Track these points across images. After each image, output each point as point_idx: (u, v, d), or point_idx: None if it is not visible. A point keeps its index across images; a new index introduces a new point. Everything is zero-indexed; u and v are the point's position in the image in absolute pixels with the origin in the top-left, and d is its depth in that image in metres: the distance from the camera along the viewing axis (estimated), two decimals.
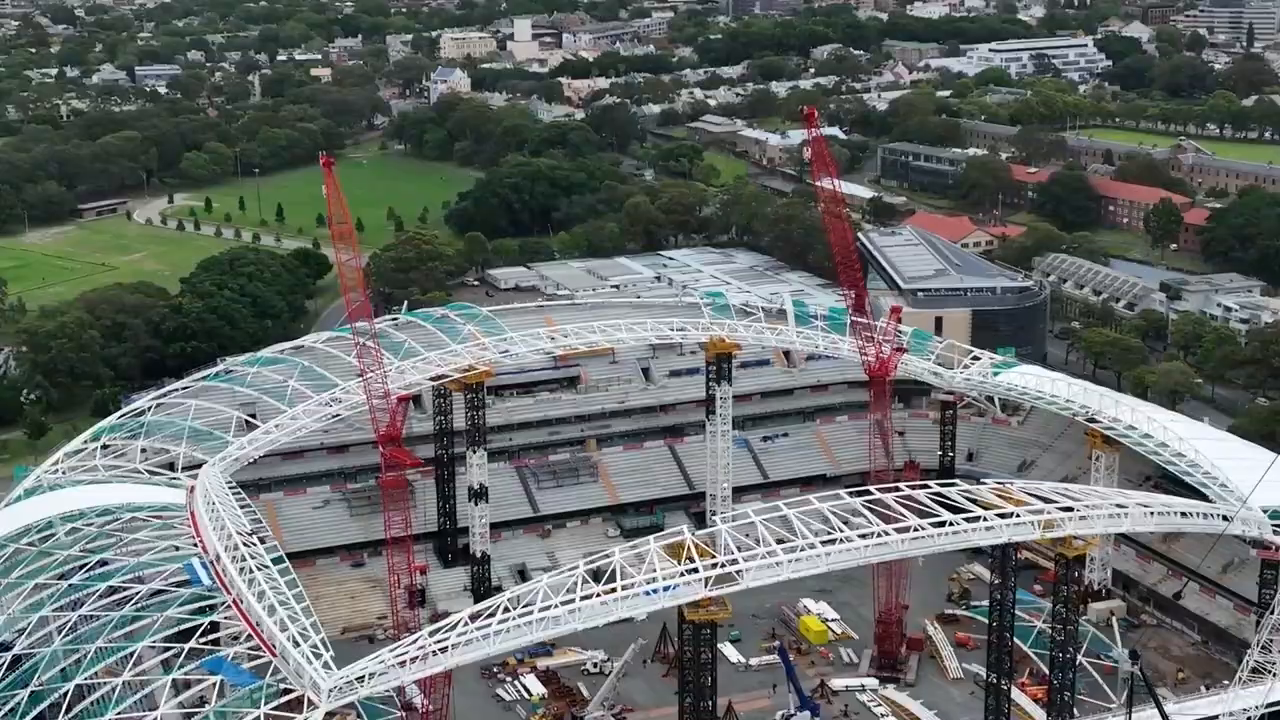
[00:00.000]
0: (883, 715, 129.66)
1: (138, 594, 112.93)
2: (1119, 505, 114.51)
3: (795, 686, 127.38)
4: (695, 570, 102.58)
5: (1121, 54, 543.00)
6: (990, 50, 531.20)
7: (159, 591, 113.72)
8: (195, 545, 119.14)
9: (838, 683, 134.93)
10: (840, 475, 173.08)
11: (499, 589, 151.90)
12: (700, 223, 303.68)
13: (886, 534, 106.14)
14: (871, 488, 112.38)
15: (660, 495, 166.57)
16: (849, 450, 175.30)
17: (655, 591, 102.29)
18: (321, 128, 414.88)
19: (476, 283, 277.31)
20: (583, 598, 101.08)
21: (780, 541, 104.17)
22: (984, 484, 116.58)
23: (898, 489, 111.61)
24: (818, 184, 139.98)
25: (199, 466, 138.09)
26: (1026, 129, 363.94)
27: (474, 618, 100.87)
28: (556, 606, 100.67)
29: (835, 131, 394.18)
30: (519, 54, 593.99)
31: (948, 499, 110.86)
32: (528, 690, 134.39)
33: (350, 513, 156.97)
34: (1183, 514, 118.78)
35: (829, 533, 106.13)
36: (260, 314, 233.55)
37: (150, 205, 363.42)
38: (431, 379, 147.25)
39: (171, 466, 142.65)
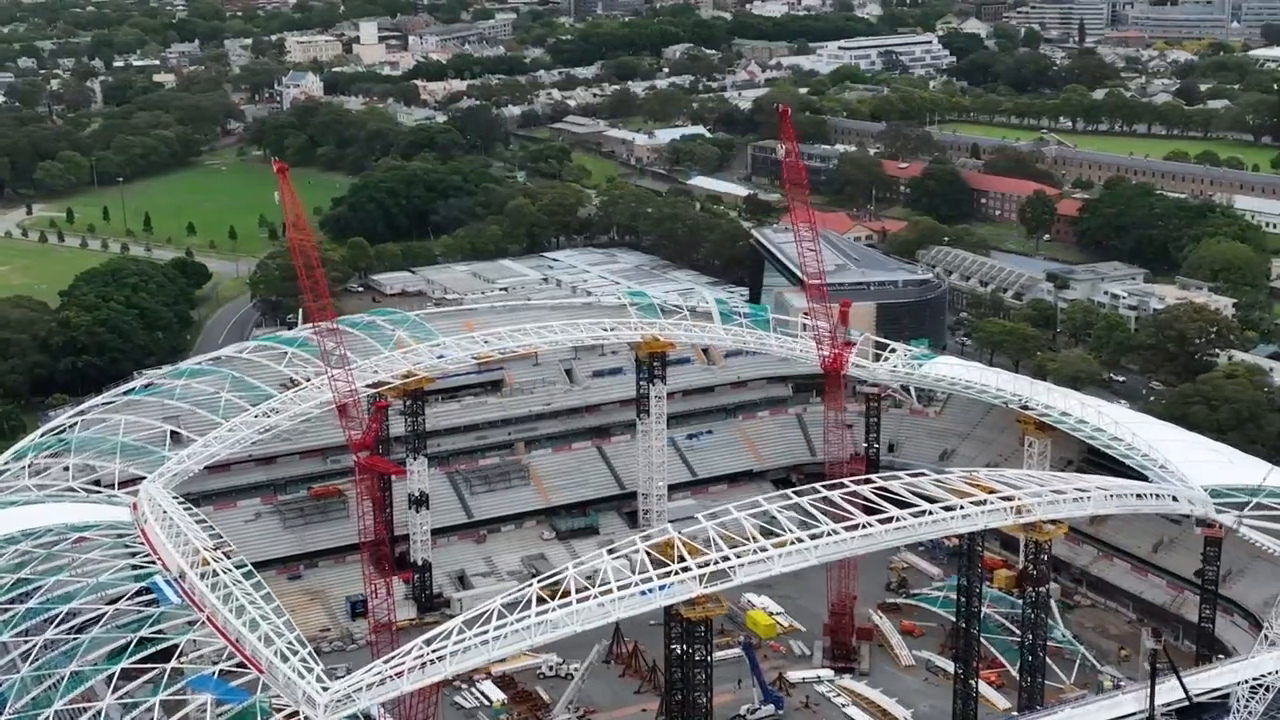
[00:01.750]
0: (844, 705, 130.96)
1: (104, 615, 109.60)
2: (1080, 490, 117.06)
3: (759, 680, 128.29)
4: (689, 568, 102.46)
5: (965, 50, 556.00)
6: (840, 48, 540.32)
7: (125, 612, 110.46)
8: (154, 563, 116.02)
9: (795, 675, 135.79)
10: (765, 470, 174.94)
11: (440, 596, 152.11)
12: (581, 223, 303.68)
13: (870, 525, 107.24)
14: (858, 482, 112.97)
15: (593, 496, 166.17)
16: (772, 445, 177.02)
17: (651, 591, 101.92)
18: (177, 135, 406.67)
19: (360, 289, 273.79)
20: (579, 600, 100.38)
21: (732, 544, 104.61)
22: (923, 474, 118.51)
23: (870, 481, 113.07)
24: (788, 180, 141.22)
25: (134, 482, 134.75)
26: (894, 125, 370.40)
27: (469, 624, 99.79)
28: (554, 610, 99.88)
29: (701, 130, 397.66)
30: (366, 57, 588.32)
31: (920, 489, 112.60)
32: (487, 697, 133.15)
33: (284, 525, 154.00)
34: (1138, 496, 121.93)
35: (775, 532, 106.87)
36: (148, 326, 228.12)
37: (6, 217, 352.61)
38: (370, 386, 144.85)
39: (99, 483, 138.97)
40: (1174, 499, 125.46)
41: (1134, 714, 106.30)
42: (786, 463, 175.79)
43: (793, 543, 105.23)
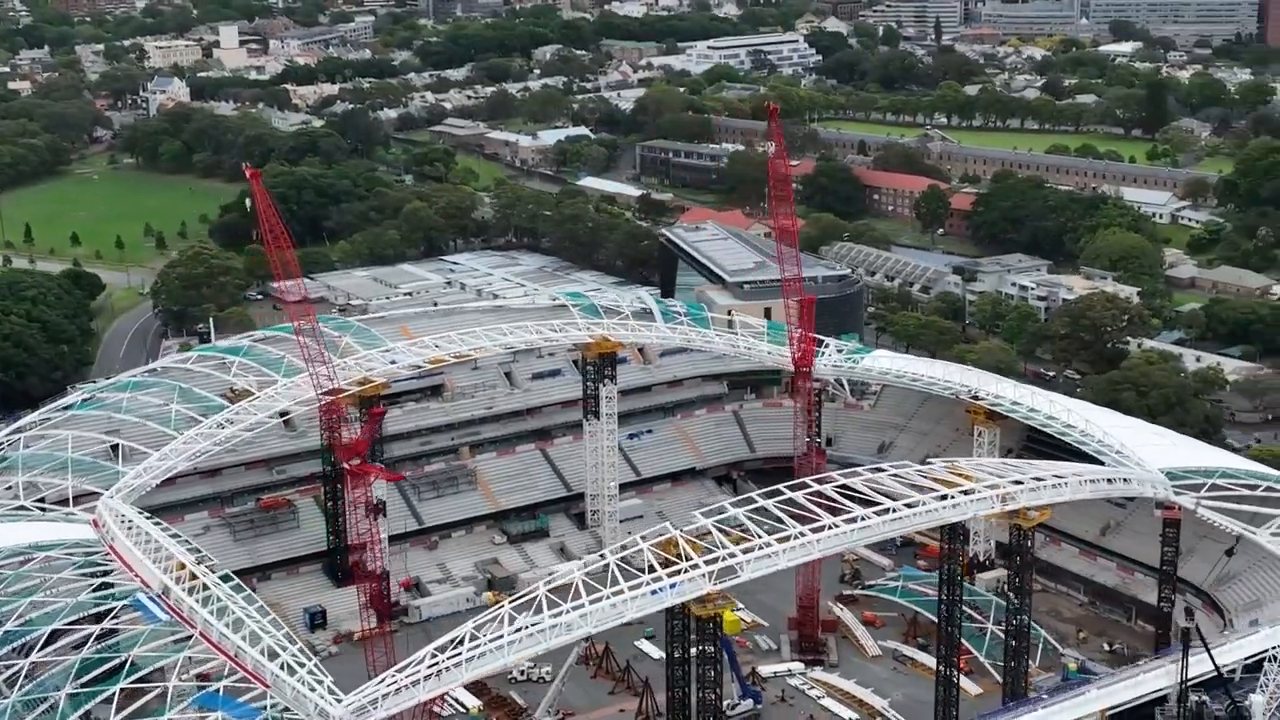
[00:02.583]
0: (820, 698, 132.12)
1: (90, 635, 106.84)
2: (1058, 476, 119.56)
3: (738, 676, 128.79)
4: (697, 566, 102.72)
5: (831, 49, 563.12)
6: (709, 48, 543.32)
7: (111, 632, 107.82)
8: (131, 580, 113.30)
9: (766, 669, 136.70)
10: (707, 468, 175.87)
11: (398, 604, 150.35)
12: (478, 226, 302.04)
13: (868, 518, 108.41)
14: (848, 475, 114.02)
15: (541, 499, 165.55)
16: (712, 443, 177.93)
17: (661, 590, 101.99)
18: (46, 143, 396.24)
19: (259, 297, 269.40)
20: (591, 601, 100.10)
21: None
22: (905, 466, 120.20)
23: (858, 474, 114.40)
24: (773, 178, 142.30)
25: (87, 499, 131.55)
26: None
27: (480, 629, 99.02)
28: (567, 612, 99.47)
29: (584, 131, 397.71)
30: (229, 61, 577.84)
31: (906, 479, 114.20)
32: (462, 704, 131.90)
33: (234, 538, 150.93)
34: (1109, 481, 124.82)
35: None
36: (51, 339, 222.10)
37: None
38: (326, 394, 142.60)
39: (48, 501, 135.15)
40: (1140, 483, 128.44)
41: (1163, 689, 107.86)
42: (727, 460, 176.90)
43: (796, 537, 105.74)
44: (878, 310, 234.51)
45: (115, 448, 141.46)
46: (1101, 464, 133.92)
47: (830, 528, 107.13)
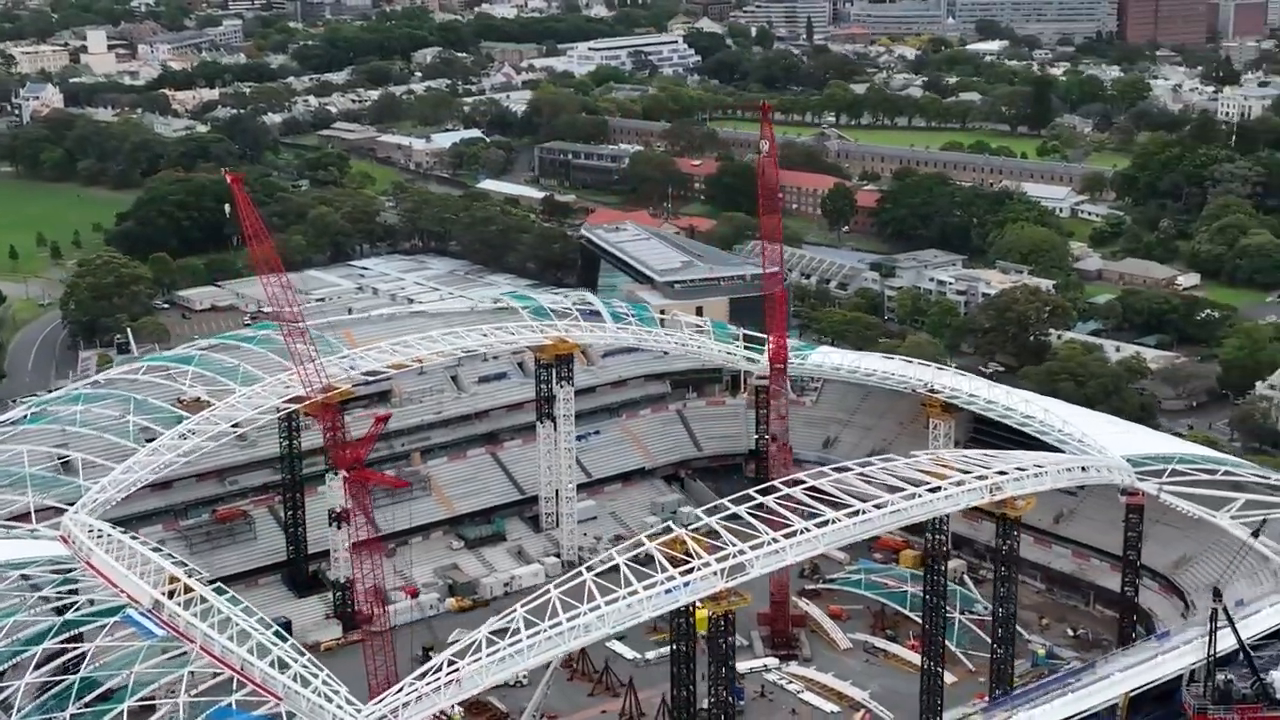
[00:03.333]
0: (799, 692, 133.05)
1: (86, 654, 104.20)
2: (1038, 466, 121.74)
3: None
4: (708, 564, 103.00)
5: (710, 49, 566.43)
6: (590, 49, 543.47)
7: (106, 650, 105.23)
8: (117, 596, 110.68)
9: (742, 666, 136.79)
10: (656, 468, 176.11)
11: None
12: (385, 230, 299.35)
13: (869, 512, 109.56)
14: (837, 468, 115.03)
15: (495, 503, 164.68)
16: (659, 442, 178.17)
17: (675, 589, 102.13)
18: None
19: (166, 305, 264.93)
20: (608, 602, 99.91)
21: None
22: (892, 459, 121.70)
23: (847, 469, 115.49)
24: (760, 178, 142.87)
25: (48, 515, 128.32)
26: (679, 123, 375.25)
27: (498, 634, 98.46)
28: (584, 614, 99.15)
29: (477, 133, 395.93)
30: (98, 67, 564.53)
31: (896, 472, 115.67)
32: (442, 710, 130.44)
33: (190, 551, 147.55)
34: (1083, 469, 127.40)
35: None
36: None
37: None
38: (290, 401, 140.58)
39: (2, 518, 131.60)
40: (1107, 470, 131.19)
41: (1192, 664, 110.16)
42: (675, 459, 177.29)
43: (800, 532, 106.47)
44: (798, 308, 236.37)
45: (66, 463, 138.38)
46: (1061, 453, 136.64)
47: (833, 522, 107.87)
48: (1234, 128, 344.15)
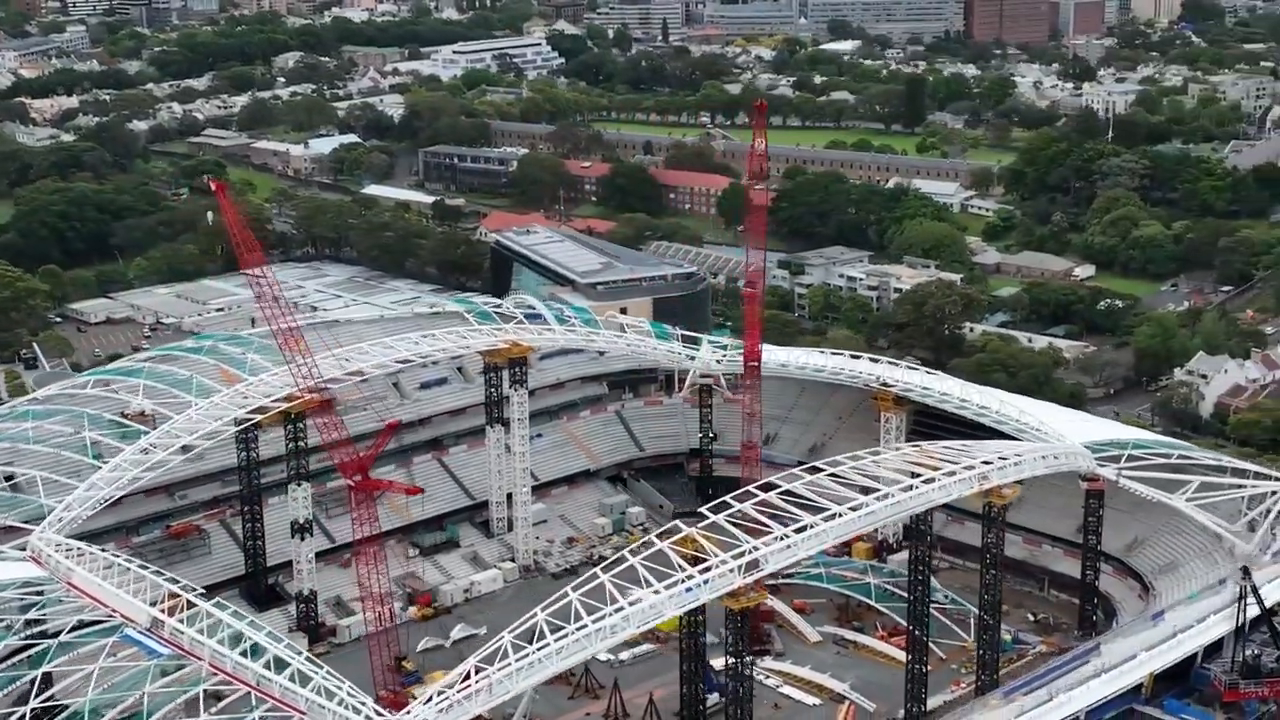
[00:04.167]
0: (778, 686, 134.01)
1: (91, 674, 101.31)
2: (1017, 454, 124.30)
3: (706, 670, 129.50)
4: (725, 562, 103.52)
5: (573, 52, 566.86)
6: (454, 52, 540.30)
7: (111, 670, 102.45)
8: (109, 616, 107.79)
9: (717, 663, 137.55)
10: (600, 469, 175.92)
11: (324, 625, 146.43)
12: (278, 238, 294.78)
13: (869, 504, 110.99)
14: (830, 463, 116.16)
15: (447, 509, 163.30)
16: (602, 444, 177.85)
17: (694, 587, 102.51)
18: None
19: (59, 319, 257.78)
20: (631, 603, 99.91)
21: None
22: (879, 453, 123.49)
23: (840, 463, 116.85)
24: (751, 175, 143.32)
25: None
26: (563, 125, 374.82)
27: (523, 638, 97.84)
28: (610, 615, 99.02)
29: (354, 138, 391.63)
30: None
31: (887, 465, 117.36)
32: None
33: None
34: (1056, 457, 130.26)
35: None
36: None
37: None
38: (253, 412, 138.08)
39: None
40: (1073, 457, 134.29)
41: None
42: (618, 460, 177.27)
43: (809, 527, 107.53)
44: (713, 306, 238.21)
45: (14, 483, 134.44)
46: (1018, 441, 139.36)
47: (839, 515, 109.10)
48: (1109, 123, 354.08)
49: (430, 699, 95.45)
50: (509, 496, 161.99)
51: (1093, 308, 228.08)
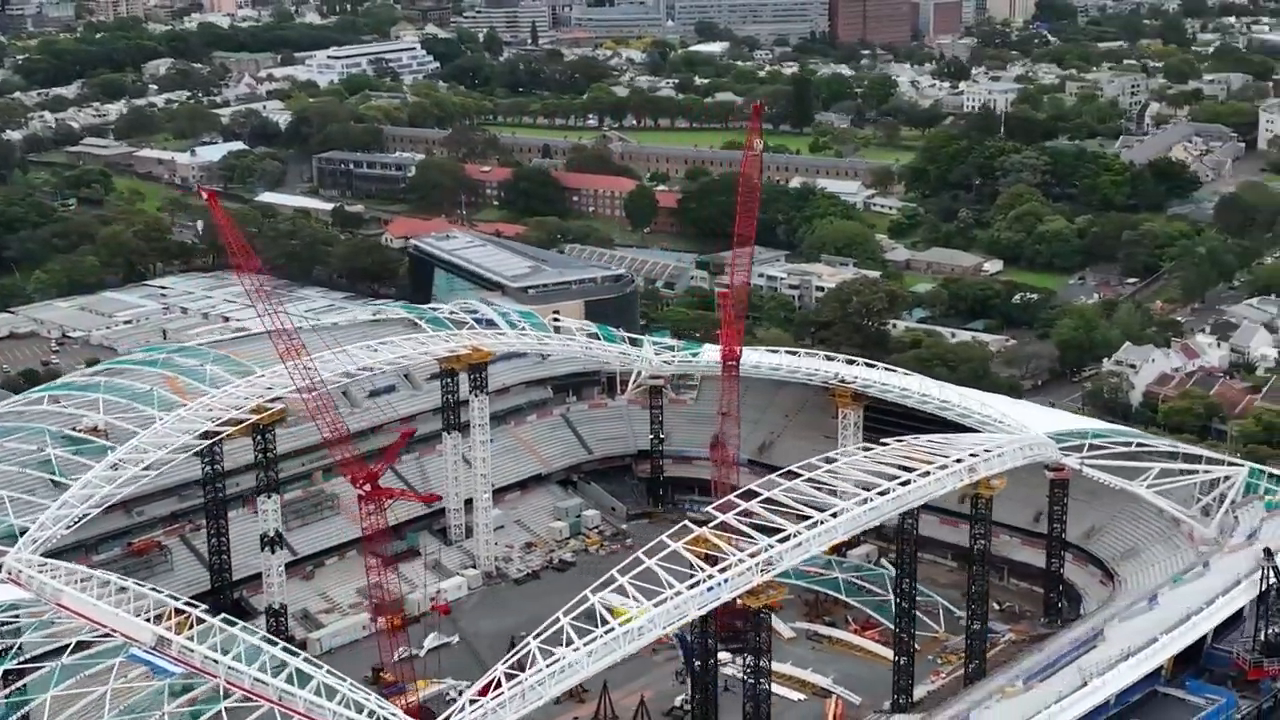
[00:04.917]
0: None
1: (103, 694, 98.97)
2: (999, 446, 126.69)
3: (691, 668, 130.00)
4: (743, 561, 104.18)
5: (448, 56, 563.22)
6: (329, 57, 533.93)
7: (123, 692, 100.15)
8: (108, 637, 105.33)
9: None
10: (551, 473, 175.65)
11: (294, 639, 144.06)
12: (180, 248, 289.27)
13: (872, 499, 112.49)
14: (823, 459, 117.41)
15: (404, 518, 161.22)
16: (551, 448, 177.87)
17: (715, 586, 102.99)
18: None
19: None
20: (656, 604, 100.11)
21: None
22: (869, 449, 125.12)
23: (833, 459, 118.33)
24: (744, 173, 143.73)
25: None
26: (458, 128, 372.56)
27: (551, 641, 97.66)
28: (637, 617, 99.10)
29: (241, 145, 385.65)
30: None
31: (880, 459, 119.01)
32: None
33: None
34: (1031, 448, 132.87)
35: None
36: None
37: None
38: (222, 424, 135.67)
39: None
40: (1041, 447, 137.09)
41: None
42: (569, 463, 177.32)
43: (820, 524, 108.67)
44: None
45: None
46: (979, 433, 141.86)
47: (845, 511, 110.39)
48: (1002, 120, 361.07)
49: (464, 708, 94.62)
50: (466, 502, 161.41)
51: (1009, 302, 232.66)
